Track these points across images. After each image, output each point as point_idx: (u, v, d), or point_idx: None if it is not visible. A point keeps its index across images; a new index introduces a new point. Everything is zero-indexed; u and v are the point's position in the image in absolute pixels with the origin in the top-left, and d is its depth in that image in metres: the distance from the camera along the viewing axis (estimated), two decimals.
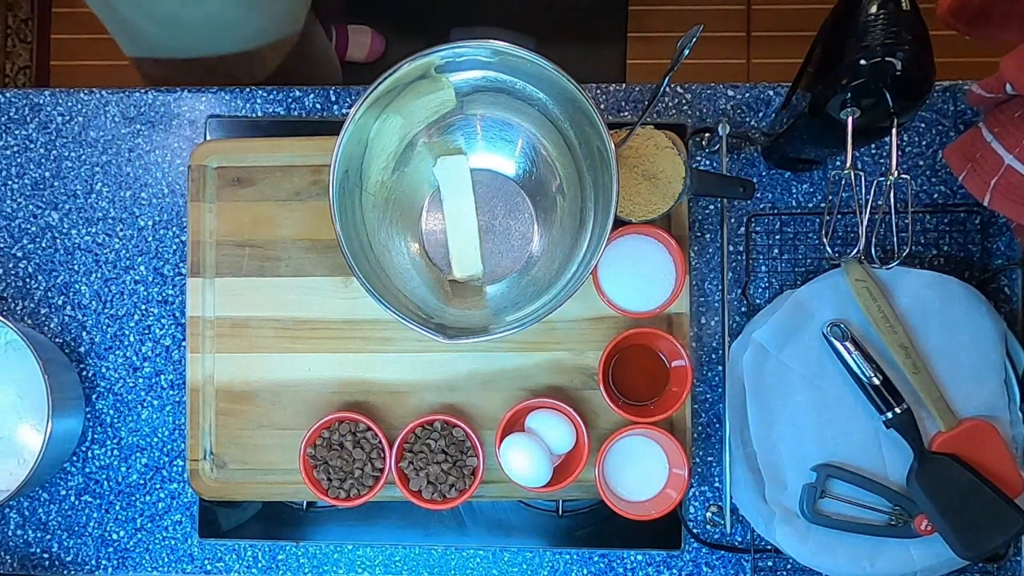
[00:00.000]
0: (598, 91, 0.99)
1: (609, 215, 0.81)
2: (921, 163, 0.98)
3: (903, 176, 0.82)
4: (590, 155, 0.87)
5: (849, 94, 0.75)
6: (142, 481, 1.00)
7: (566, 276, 0.88)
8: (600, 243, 0.82)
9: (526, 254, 0.96)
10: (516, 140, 0.94)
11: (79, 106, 1.02)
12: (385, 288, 0.86)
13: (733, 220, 0.98)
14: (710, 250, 0.98)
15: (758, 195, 0.98)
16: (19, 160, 1.02)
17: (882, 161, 0.98)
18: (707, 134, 0.97)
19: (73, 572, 1.00)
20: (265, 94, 1.01)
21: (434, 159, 0.94)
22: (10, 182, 1.02)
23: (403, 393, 0.96)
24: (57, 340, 1.00)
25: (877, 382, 0.86)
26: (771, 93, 0.99)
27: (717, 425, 0.98)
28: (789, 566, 0.96)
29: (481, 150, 0.95)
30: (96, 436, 1.00)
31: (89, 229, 1.01)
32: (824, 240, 0.85)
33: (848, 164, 0.79)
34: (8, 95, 1.02)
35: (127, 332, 1.00)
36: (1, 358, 0.96)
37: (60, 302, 1.01)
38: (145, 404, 1.00)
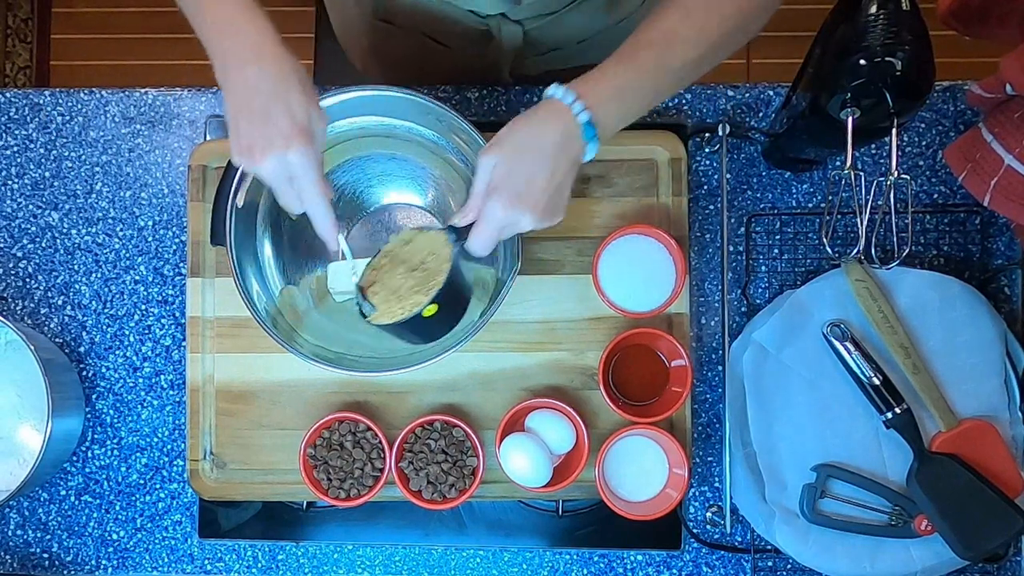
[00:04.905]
0: None
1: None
2: (921, 163, 0.98)
3: (903, 176, 0.82)
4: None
5: (849, 94, 0.75)
6: (142, 481, 1.00)
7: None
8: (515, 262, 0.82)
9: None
10: (410, 175, 0.94)
11: (79, 106, 1.02)
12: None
13: (733, 220, 0.98)
14: (710, 250, 0.98)
15: (758, 195, 0.98)
16: (19, 160, 1.02)
17: (882, 161, 0.98)
18: (707, 134, 0.97)
19: (73, 572, 1.00)
20: None
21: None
22: (10, 182, 1.02)
23: (403, 393, 0.96)
24: (57, 340, 1.00)
25: (877, 382, 0.86)
26: (771, 93, 0.99)
27: (717, 425, 0.97)
28: (789, 566, 0.96)
29: (385, 187, 0.96)
30: (96, 436, 1.00)
31: (89, 229, 1.01)
32: (824, 240, 0.85)
33: (848, 164, 0.79)
34: (8, 95, 1.02)
35: (127, 332, 1.00)
36: (1, 358, 0.96)
37: (60, 302, 1.01)
38: (145, 404, 1.00)
